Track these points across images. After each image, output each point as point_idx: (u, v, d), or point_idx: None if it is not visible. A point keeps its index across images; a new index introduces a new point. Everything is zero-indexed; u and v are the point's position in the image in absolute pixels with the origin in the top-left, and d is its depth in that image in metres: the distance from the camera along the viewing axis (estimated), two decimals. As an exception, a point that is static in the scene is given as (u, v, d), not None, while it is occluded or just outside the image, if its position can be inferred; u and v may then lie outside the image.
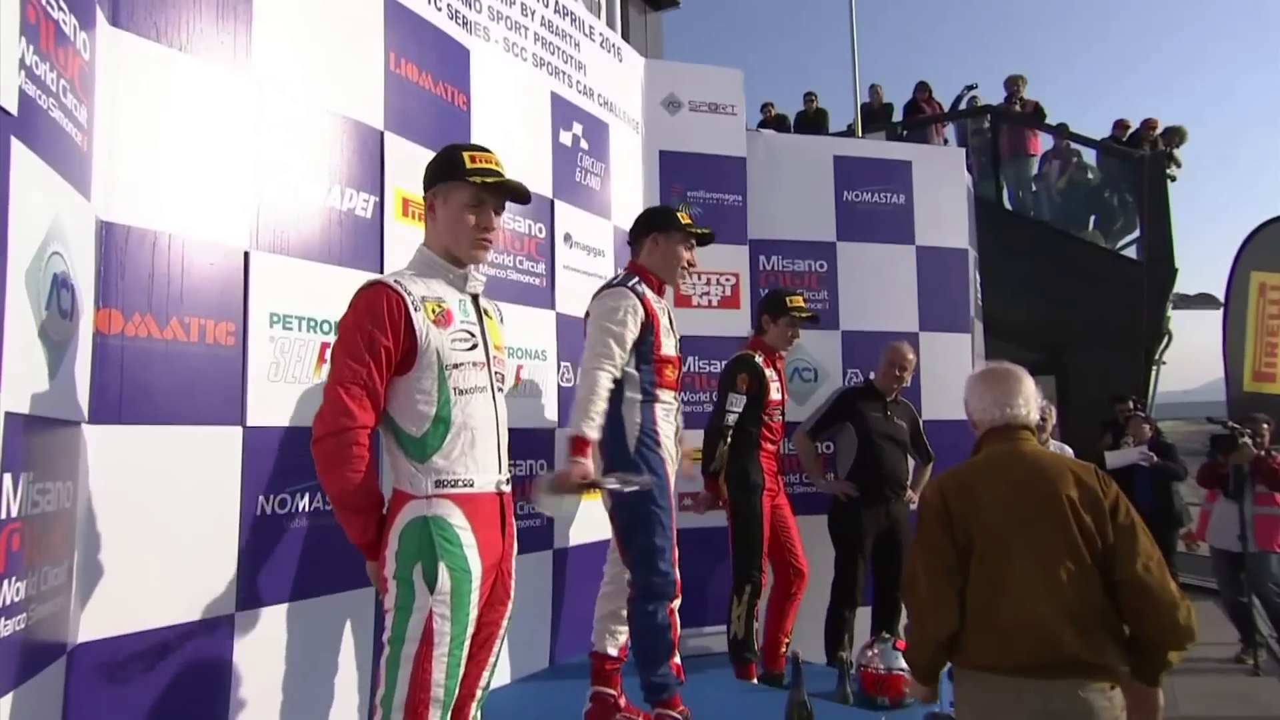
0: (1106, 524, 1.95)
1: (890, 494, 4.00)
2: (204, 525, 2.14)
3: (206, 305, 2.18)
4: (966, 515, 2.00)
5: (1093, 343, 8.57)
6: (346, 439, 1.73)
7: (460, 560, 1.79)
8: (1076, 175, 9.43)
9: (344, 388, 1.74)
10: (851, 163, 4.73)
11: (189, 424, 2.11)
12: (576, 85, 3.87)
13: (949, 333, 4.76)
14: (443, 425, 1.82)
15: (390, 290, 1.79)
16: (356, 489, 1.76)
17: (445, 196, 1.92)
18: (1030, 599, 1.89)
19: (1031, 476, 2.03)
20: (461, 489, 1.83)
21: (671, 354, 2.89)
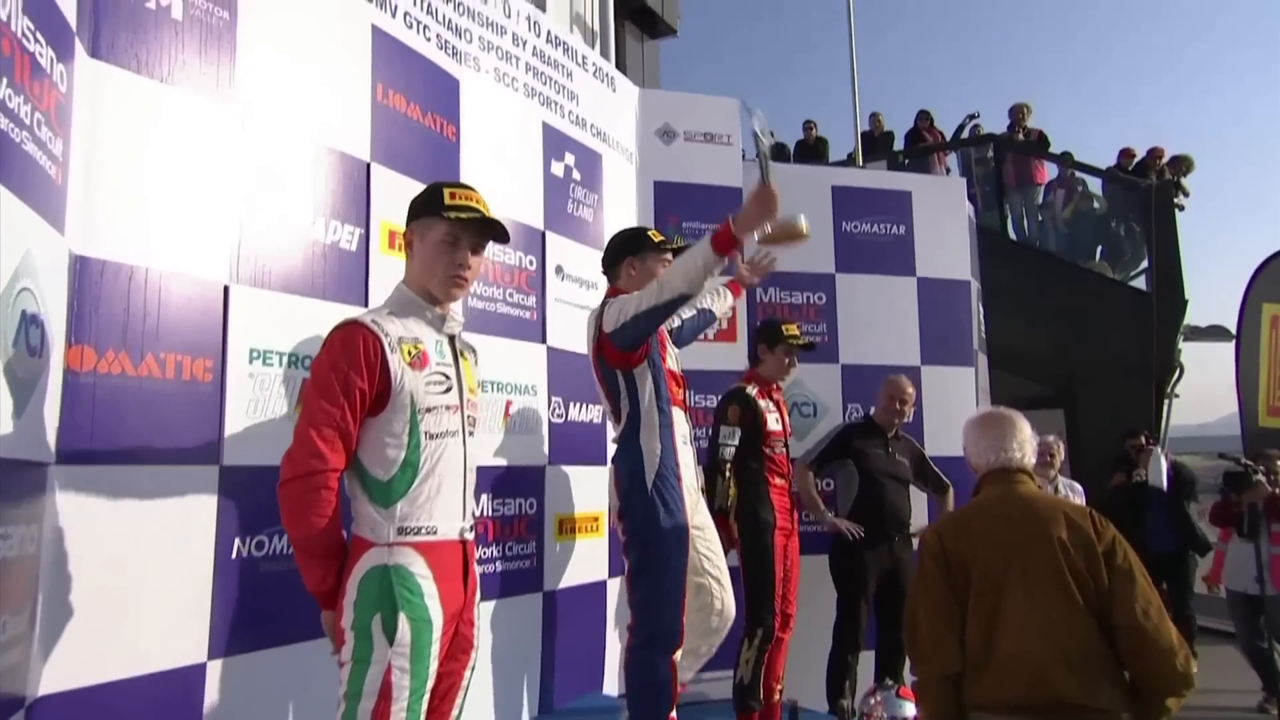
0: (1100, 567, 2.02)
1: (893, 534, 3.98)
2: (176, 569, 2.11)
3: (183, 341, 2.18)
4: (964, 556, 2.10)
5: (1102, 376, 8.57)
6: (316, 482, 1.72)
7: (421, 610, 1.76)
8: (1082, 205, 9.51)
9: (316, 429, 1.74)
10: (850, 193, 4.78)
11: (162, 464, 2.09)
12: (569, 115, 3.91)
13: (952, 366, 4.77)
14: (410, 470, 1.81)
15: (367, 331, 1.80)
16: (322, 534, 1.74)
17: (423, 233, 1.92)
18: (1023, 639, 1.97)
19: (1025, 517, 2.12)
20: (424, 537, 1.81)
21: (675, 369, 2.88)
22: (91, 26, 1.99)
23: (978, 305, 5.34)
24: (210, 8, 2.30)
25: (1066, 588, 2.00)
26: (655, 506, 2.68)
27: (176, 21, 2.20)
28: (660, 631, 2.63)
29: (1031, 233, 9.72)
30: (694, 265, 2.44)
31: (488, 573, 3.19)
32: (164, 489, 2.10)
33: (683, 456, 2.79)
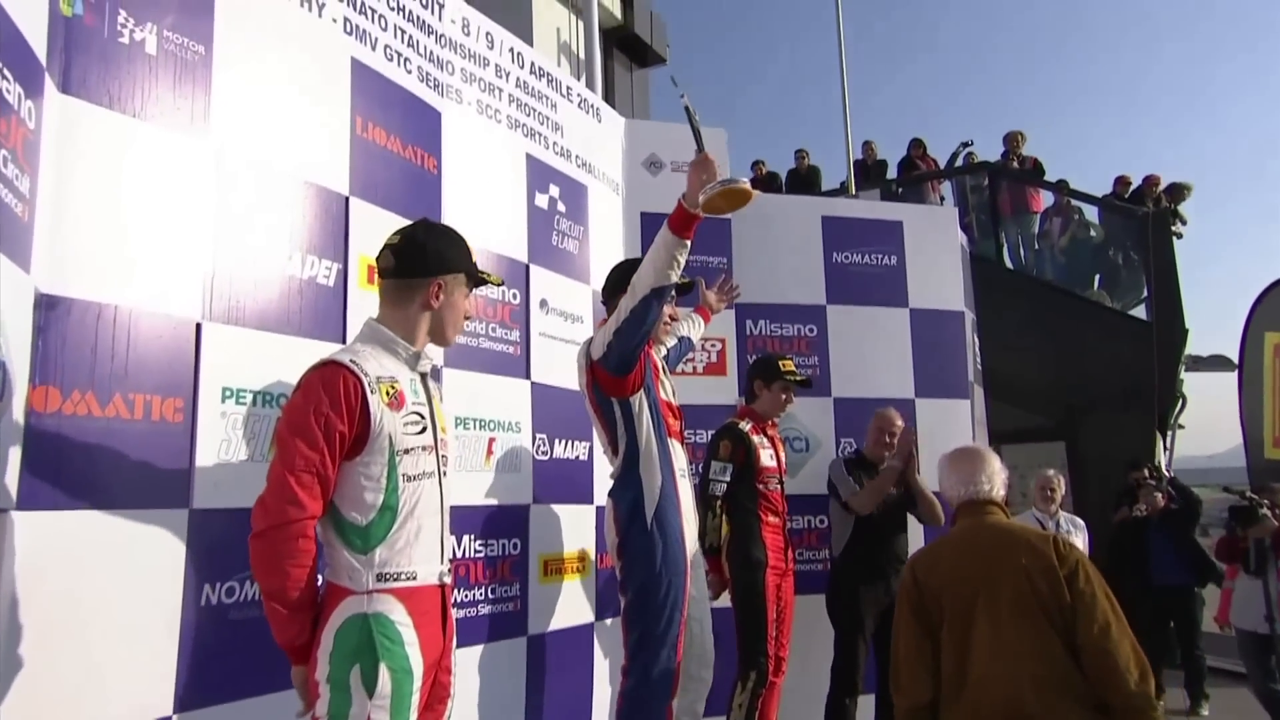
0: (1063, 589, 2.17)
1: (890, 570, 3.97)
2: (141, 618, 2.09)
3: (153, 380, 2.17)
4: (934, 588, 2.29)
5: (1103, 406, 8.60)
6: (293, 531, 1.70)
7: (402, 660, 1.75)
8: (1079, 233, 9.61)
9: (294, 474, 1.71)
10: (840, 223, 4.83)
11: (129, 508, 2.08)
12: (553, 146, 3.96)
13: (947, 399, 4.78)
14: (389, 514, 1.80)
15: (348, 372, 1.80)
16: (299, 586, 1.72)
17: (452, 288, 2.01)
18: (992, 664, 2.14)
19: (992, 547, 2.32)
20: (404, 583, 1.80)
21: (671, 400, 2.90)
22: (62, 62, 2.02)
23: (972, 336, 5.37)
24: (185, 42, 2.33)
25: (1032, 613, 2.15)
26: (654, 541, 2.68)
27: (150, 56, 2.23)
28: (655, 673, 2.62)
29: (1028, 262, 9.81)
30: (658, 255, 2.48)
31: (470, 616, 3.16)
32: (130, 534, 2.08)
33: (683, 490, 2.80)
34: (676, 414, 2.92)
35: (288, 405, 1.82)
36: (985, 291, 6.29)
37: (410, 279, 1.97)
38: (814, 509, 4.28)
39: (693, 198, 2.41)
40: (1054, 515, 5.38)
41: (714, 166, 2.40)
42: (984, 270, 7.66)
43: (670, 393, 2.96)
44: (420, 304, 1.96)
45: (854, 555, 3.98)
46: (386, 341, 1.93)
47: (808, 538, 4.26)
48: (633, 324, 2.58)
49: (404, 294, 1.97)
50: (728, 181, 2.39)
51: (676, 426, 2.89)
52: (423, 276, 1.96)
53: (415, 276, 1.97)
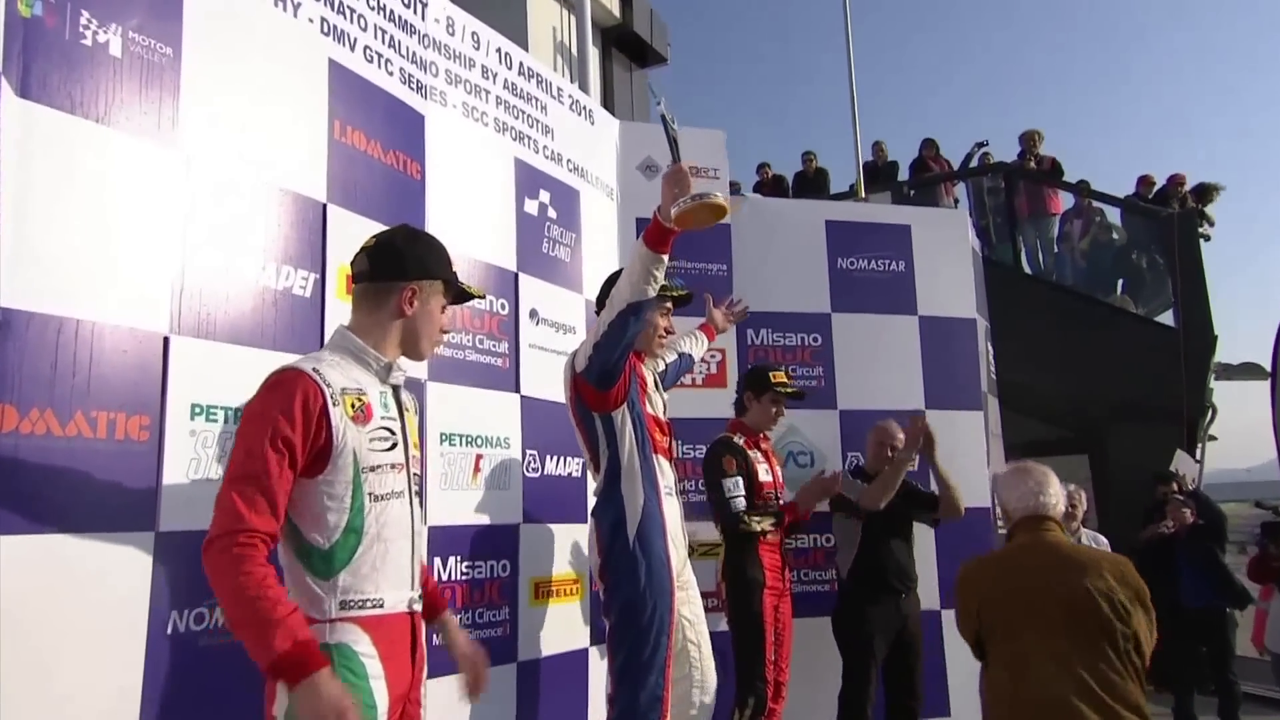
0: (1123, 612, 2.34)
1: (900, 589, 3.94)
2: (104, 646, 2.07)
3: (117, 397, 2.17)
4: (994, 600, 2.47)
5: (1128, 418, 8.55)
6: (231, 540, 1.63)
7: (366, 694, 1.72)
8: (1100, 236, 9.58)
9: (236, 488, 1.67)
10: (845, 228, 4.82)
11: (91, 532, 2.07)
12: (543, 150, 3.96)
13: (959, 410, 4.76)
14: (354, 536, 1.77)
15: (309, 380, 1.76)
16: (253, 595, 1.60)
17: (427, 297, 1.97)
18: (1049, 681, 2.27)
19: (1056, 565, 2.45)
20: (370, 610, 1.77)
21: (659, 415, 2.90)
22: (20, 64, 2.02)
23: (986, 344, 5.36)
24: (152, 44, 2.33)
25: (1090, 632, 2.31)
26: (638, 562, 2.68)
27: (115, 59, 2.24)
28: (642, 700, 2.61)
29: (1047, 266, 9.78)
30: (634, 270, 2.53)
31: (456, 643, 3.15)
32: (92, 559, 2.06)
33: (668, 508, 2.79)
34: (665, 430, 2.93)
35: (244, 410, 1.79)
36: (1001, 298, 6.28)
37: (383, 283, 1.95)
38: (819, 527, 4.25)
39: (666, 211, 2.44)
40: (1075, 532, 5.33)
41: (688, 179, 2.43)
42: (1000, 275, 7.65)
43: (661, 408, 2.97)
44: (393, 311, 1.94)
45: (861, 574, 3.95)
46: (356, 351, 1.91)
47: (814, 557, 4.24)
48: (610, 339, 2.63)
49: (376, 300, 1.95)
50: (701, 195, 2.41)
51: (664, 443, 2.90)
52: (396, 281, 1.94)
53: (388, 280, 1.95)
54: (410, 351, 2.00)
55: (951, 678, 4.34)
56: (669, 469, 2.93)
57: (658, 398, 2.97)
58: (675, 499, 2.90)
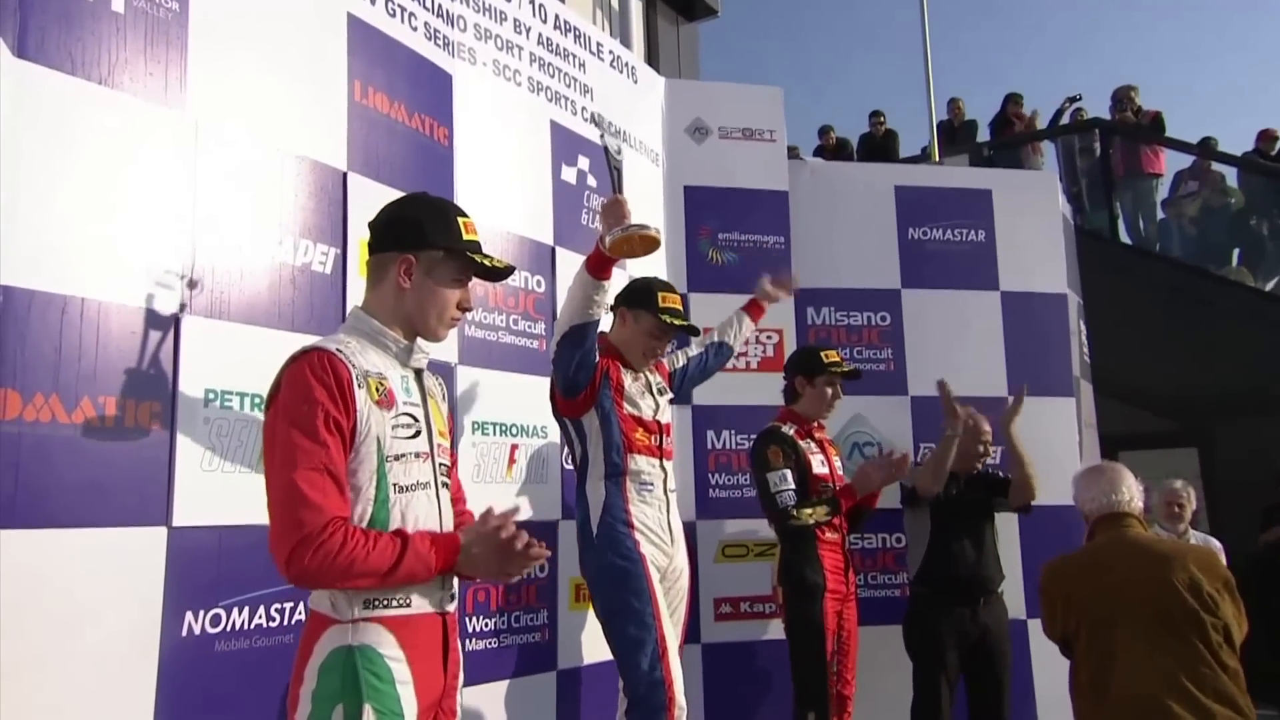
0: (1210, 604, 2.53)
1: (979, 595, 3.87)
2: (114, 649, 2.12)
3: (127, 382, 2.21)
4: (1079, 599, 2.69)
5: (1244, 407, 8.31)
6: (315, 541, 1.64)
7: (391, 701, 1.72)
8: (1212, 200, 9.30)
9: (299, 475, 1.67)
10: (917, 194, 4.74)
11: (100, 526, 2.12)
12: (582, 112, 3.95)
13: (1047, 397, 4.64)
14: (378, 528, 1.78)
15: (335, 358, 1.77)
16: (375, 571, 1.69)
17: (430, 267, 1.92)
18: (1140, 676, 2.48)
19: (1139, 560, 2.66)
20: (396, 610, 1.77)
21: (642, 415, 3.06)
22: (17, 22, 2.06)
23: (1079, 323, 5.23)
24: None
25: (1179, 627, 2.51)
26: (604, 555, 2.91)
27: (118, 15, 2.27)
28: (641, 690, 2.72)
29: (1149, 235, 9.52)
30: (574, 295, 2.80)
31: (490, 649, 3.18)
32: (101, 555, 2.11)
33: (639, 505, 2.98)
34: (652, 429, 3.09)
35: (273, 406, 1.80)
36: (1096, 271, 6.12)
37: (383, 253, 1.93)
38: (890, 525, 4.19)
39: (602, 239, 2.69)
40: (1183, 534, 5.19)
41: (624, 208, 2.69)
42: (1094, 246, 7.46)
43: (650, 409, 3.11)
44: (392, 285, 1.91)
45: (933, 578, 3.88)
46: (374, 333, 1.90)
47: (883, 559, 4.18)
48: (560, 362, 2.92)
49: (379, 273, 1.94)
50: (631, 227, 2.65)
51: (648, 442, 3.06)
52: (392, 251, 1.92)
53: (386, 251, 1.93)
54: (420, 331, 1.95)
55: (1040, 691, 4.26)
56: (658, 466, 3.09)
57: (645, 400, 3.10)
58: (662, 496, 3.06)
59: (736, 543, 4.16)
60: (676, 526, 3.12)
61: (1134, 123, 9.63)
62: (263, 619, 2.44)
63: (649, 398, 3.11)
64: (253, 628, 2.42)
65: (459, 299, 1.97)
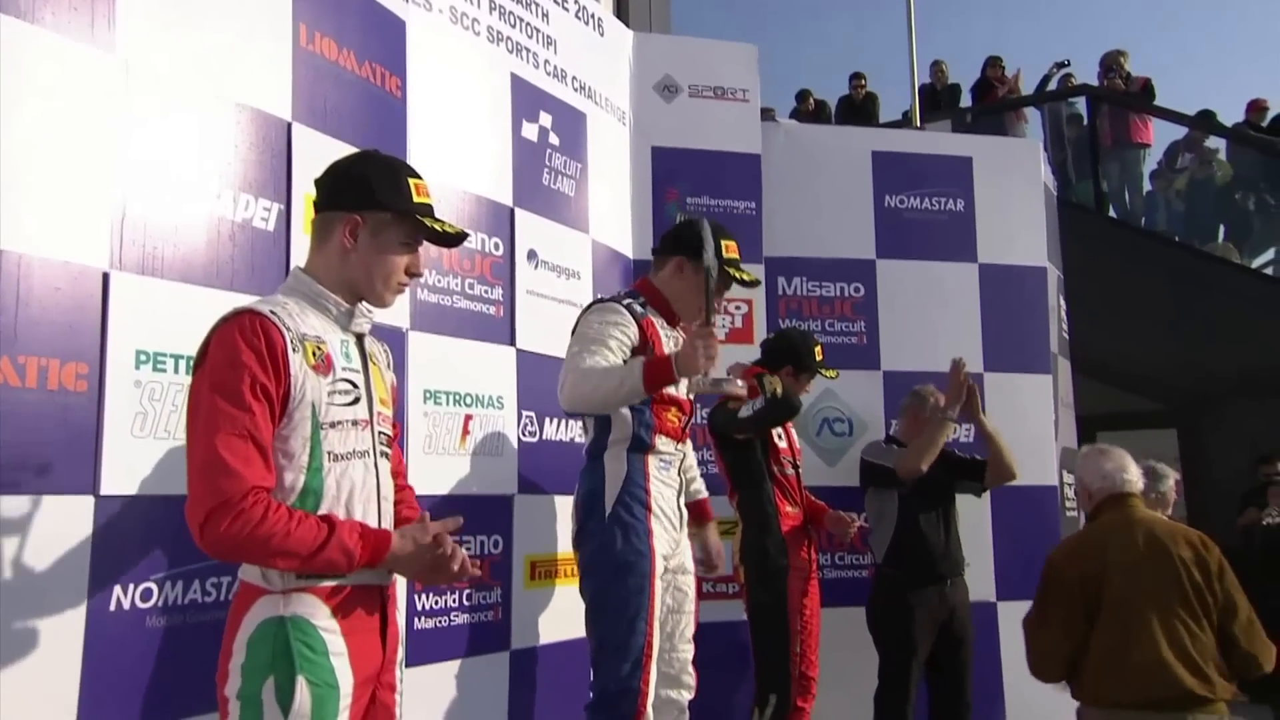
0: (1213, 581, 2.88)
1: (948, 576, 3.95)
2: (36, 624, 2.10)
3: (50, 341, 2.17)
4: (1096, 575, 2.93)
5: (1227, 387, 8.46)
6: (235, 507, 1.65)
7: (326, 672, 1.74)
8: (1199, 173, 9.41)
9: (221, 441, 1.67)
10: (895, 160, 4.76)
11: (20, 493, 2.09)
12: (544, 66, 3.92)
13: (1024, 373, 4.73)
14: (311, 498, 1.79)
15: (267, 320, 1.77)
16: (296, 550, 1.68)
17: (378, 228, 1.92)
18: (1154, 646, 2.79)
19: (1150, 540, 2.95)
20: (330, 581, 1.79)
21: (676, 394, 2.92)
22: (-73, -47, 2.00)
23: (1059, 298, 5.30)
24: (84, -69, 2.31)
25: (1188, 602, 2.84)
26: (613, 537, 2.75)
27: (40, -54, 2.21)
28: (613, 691, 2.66)
29: (1135, 208, 9.63)
30: (620, 392, 2.65)
31: (441, 628, 3.19)
32: (22, 525, 2.09)
33: (656, 486, 2.84)
34: (684, 410, 2.96)
35: (199, 369, 1.78)
36: (1078, 245, 6.19)
37: (329, 212, 1.93)
38: (857, 503, 4.25)
39: (685, 369, 2.59)
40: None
41: (715, 346, 2.59)
42: (1077, 218, 7.54)
43: (681, 387, 2.95)
44: (336, 246, 1.91)
45: (900, 557, 3.95)
46: (314, 295, 1.90)
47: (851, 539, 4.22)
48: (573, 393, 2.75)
49: (324, 233, 1.93)
50: (723, 384, 2.75)
51: (676, 424, 2.93)
52: (338, 210, 1.91)
53: (332, 210, 1.92)
54: (365, 295, 1.95)
55: (1007, 674, 4.35)
56: (674, 448, 2.98)
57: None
58: (678, 478, 2.95)
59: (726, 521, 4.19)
60: (684, 511, 3.06)
61: (1123, 90, 9.70)
62: (198, 594, 2.42)
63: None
64: (187, 603, 2.40)
65: (407, 264, 1.97)
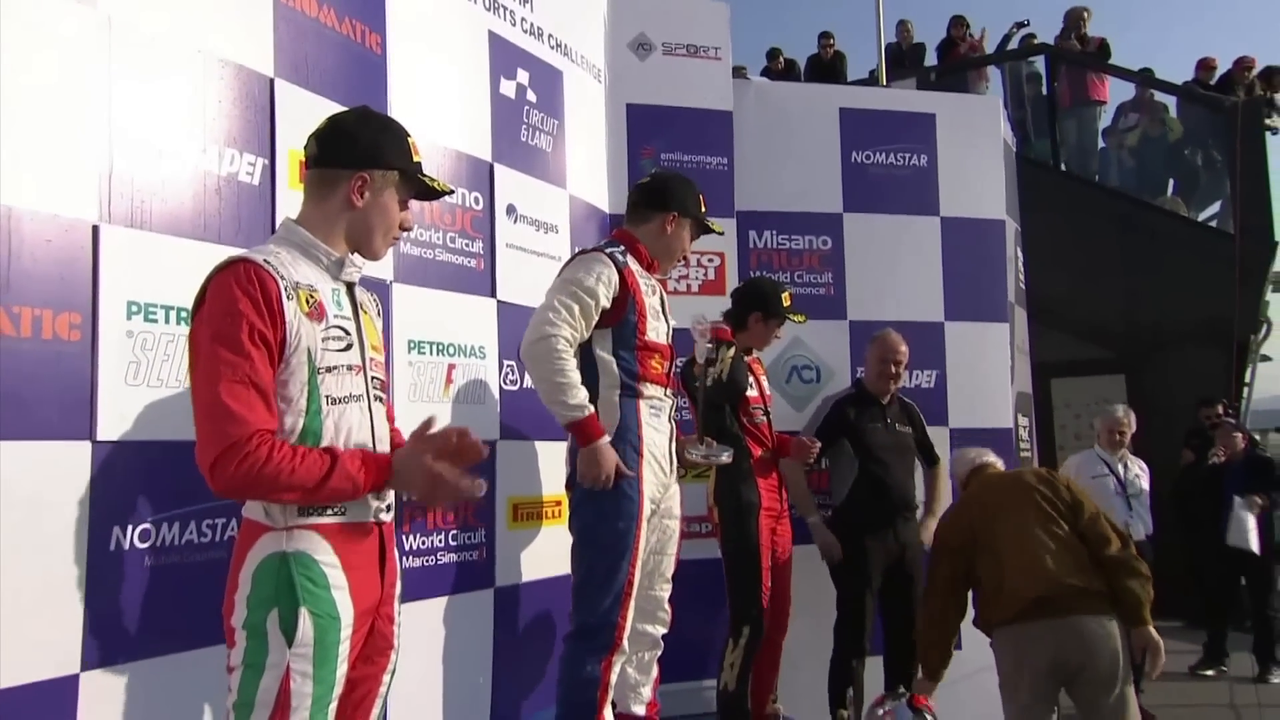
0: (1060, 490, 3.29)
1: (899, 517, 4.03)
2: (39, 564, 2.11)
3: (43, 292, 2.15)
4: (968, 526, 3.33)
5: (1173, 334, 8.58)
6: (241, 450, 1.66)
7: (327, 605, 1.77)
8: (1151, 130, 9.45)
9: (223, 387, 1.68)
10: (862, 116, 4.75)
11: (18, 439, 2.08)
12: (521, 23, 3.87)
13: (983, 322, 4.77)
14: (311, 439, 1.80)
15: (262, 270, 1.77)
16: (302, 484, 1.71)
17: (380, 187, 1.96)
18: (1027, 559, 3.10)
19: (1005, 485, 3.46)
20: (330, 518, 1.81)
21: (659, 341, 2.95)
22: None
23: (1016, 249, 5.34)
24: (63, -114, 2.24)
25: (1050, 520, 3.19)
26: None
27: (20, -102, 2.15)
28: (592, 623, 2.71)
29: (1089, 164, 9.68)
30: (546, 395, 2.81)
31: (429, 566, 3.22)
32: (21, 469, 2.08)
33: (649, 432, 2.84)
34: (665, 355, 2.99)
35: (197, 317, 1.79)
36: (1036, 199, 6.22)
37: (331, 170, 1.94)
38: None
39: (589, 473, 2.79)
40: (1122, 458, 5.40)
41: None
42: (1035, 174, 7.57)
43: (665, 334, 3.03)
44: (341, 201, 1.93)
45: (860, 502, 4.01)
46: (305, 245, 1.91)
47: (813, 480, 4.28)
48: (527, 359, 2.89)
49: (324, 188, 1.94)
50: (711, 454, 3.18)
51: (660, 369, 2.96)
52: (347, 168, 1.93)
53: (338, 167, 1.93)
54: (362, 248, 1.99)
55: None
56: (662, 394, 3.01)
57: (659, 322, 3.00)
58: (669, 423, 2.96)
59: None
60: (674, 457, 3.09)
61: (1079, 50, 9.70)
62: (194, 534, 2.44)
63: (662, 319, 3.00)
64: (183, 543, 2.42)
65: (402, 219, 2.02)
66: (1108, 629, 3.02)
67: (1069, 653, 3.01)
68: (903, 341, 4.14)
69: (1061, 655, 3.02)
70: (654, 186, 3.10)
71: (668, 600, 3.09)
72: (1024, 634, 3.06)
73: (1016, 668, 3.11)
